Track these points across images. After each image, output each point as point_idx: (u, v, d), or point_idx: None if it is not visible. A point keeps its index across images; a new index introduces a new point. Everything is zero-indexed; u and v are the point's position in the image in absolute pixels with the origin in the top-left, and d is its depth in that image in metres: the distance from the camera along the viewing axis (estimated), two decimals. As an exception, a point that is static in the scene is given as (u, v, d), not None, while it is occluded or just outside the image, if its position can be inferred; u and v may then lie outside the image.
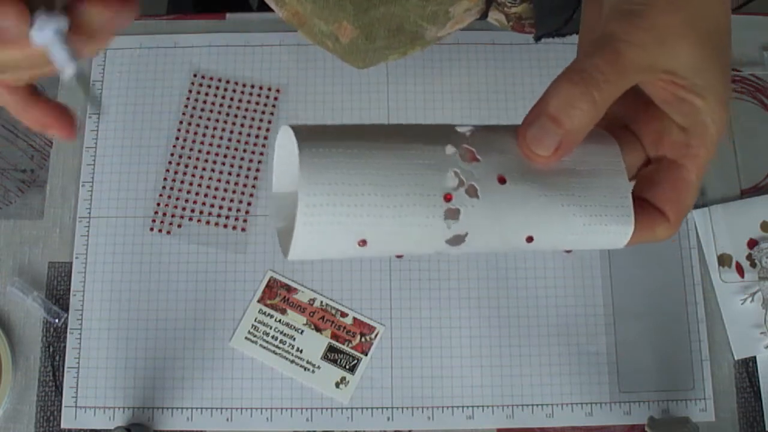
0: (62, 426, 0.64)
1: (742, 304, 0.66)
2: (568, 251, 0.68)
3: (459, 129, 0.32)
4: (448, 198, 0.31)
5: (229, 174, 0.70)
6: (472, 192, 0.31)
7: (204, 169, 0.70)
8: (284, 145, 0.34)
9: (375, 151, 0.31)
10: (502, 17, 0.68)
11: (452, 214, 0.31)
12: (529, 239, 0.33)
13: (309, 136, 0.31)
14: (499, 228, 0.32)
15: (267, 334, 0.66)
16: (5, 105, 0.35)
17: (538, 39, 0.69)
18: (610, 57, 0.31)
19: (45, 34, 0.28)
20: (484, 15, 0.67)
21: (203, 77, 0.72)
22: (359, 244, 0.31)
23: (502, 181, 0.31)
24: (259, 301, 0.66)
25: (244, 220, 0.68)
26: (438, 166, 0.31)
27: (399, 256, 0.49)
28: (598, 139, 0.34)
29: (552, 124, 0.31)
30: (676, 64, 0.33)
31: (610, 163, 0.34)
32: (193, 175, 0.69)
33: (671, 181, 0.35)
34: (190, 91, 0.72)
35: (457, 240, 0.32)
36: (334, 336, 0.66)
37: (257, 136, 0.71)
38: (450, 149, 0.31)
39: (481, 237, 0.32)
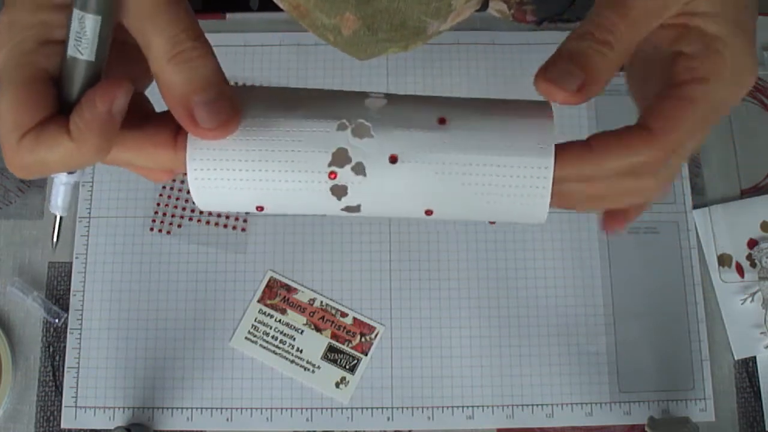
0: (62, 426, 0.64)
1: (742, 304, 0.66)
2: (492, 222, 0.67)
3: (370, 98, 0.32)
4: (332, 176, 0.32)
5: (229, 174, 0.69)
6: (358, 170, 0.31)
7: (204, 169, 0.70)
8: None
9: (269, 128, 0.31)
10: (503, 6, 0.68)
11: (339, 190, 0.32)
12: (428, 212, 0.33)
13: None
14: (391, 202, 0.32)
15: (267, 334, 0.66)
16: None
17: (539, 23, 0.68)
18: (622, 10, 0.32)
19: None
20: (484, 6, 0.67)
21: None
22: (257, 209, 0.33)
23: (393, 159, 0.31)
24: (259, 301, 0.66)
25: (244, 220, 0.68)
26: (325, 143, 0.31)
27: None
28: (529, 111, 0.33)
29: (575, 67, 0.31)
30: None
31: (531, 140, 0.32)
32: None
33: (669, 96, 0.32)
34: (190, 91, 0.72)
35: (351, 209, 0.33)
36: (334, 336, 0.66)
37: (257, 136, 0.71)
38: (344, 125, 0.31)
39: (374, 208, 0.33)
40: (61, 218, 0.37)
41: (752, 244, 0.68)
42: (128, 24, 0.32)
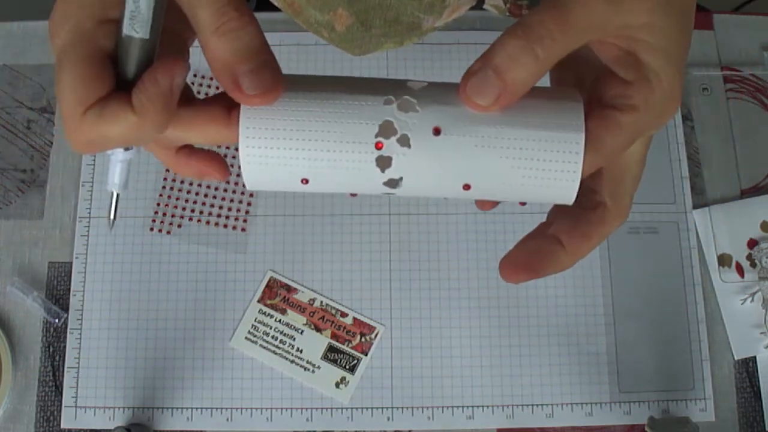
0: (62, 426, 0.64)
1: (742, 304, 0.66)
2: (523, 204, 0.67)
3: (410, 83, 0.34)
4: (378, 146, 0.33)
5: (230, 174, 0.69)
6: (403, 141, 0.33)
7: (204, 169, 0.70)
8: None
9: (317, 101, 0.33)
10: (499, 2, 0.68)
11: (384, 162, 0.33)
12: (466, 187, 0.34)
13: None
14: (432, 175, 0.33)
15: (267, 334, 0.66)
16: (164, 162, 0.38)
17: None
18: (556, 14, 0.31)
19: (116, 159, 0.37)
20: (480, 2, 0.67)
21: (203, 77, 0.72)
22: (302, 182, 0.34)
23: (437, 132, 0.33)
24: (259, 301, 0.66)
25: (244, 220, 0.68)
26: (372, 116, 0.33)
27: (353, 195, 0.50)
28: (560, 95, 0.34)
29: (493, 76, 0.31)
30: (629, 23, 0.32)
31: (565, 118, 0.33)
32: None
33: (597, 116, 0.33)
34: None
35: (393, 183, 0.34)
36: (334, 336, 0.66)
37: (257, 136, 0.71)
38: (390, 100, 0.33)
39: (416, 182, 0.34)
40: (117, 195, 0.38)
41: (752, 244, 0.68)
42: None
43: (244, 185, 0.69)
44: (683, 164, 0.70)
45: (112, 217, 0.39)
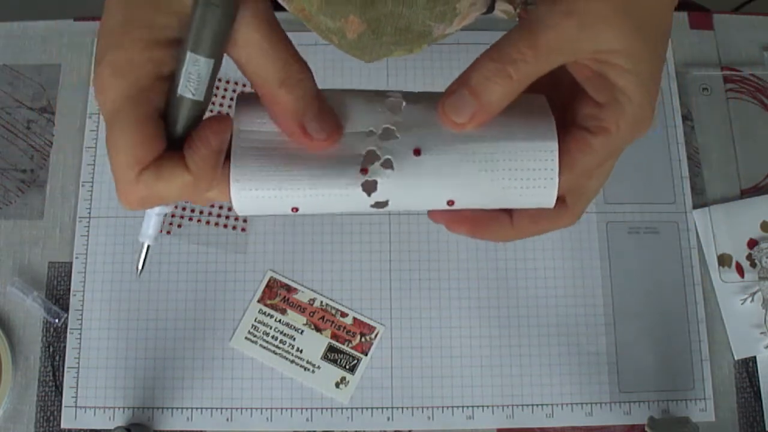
0: (62, 426, 0.64)
1: (742, 304, 0.66)
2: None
3: (389, 98, 0.36)
4: (363, 171, 0.34)
5: (229, 174, 0.69)
6: (387, 165, 0.35)
7: (204, 169, 0.70)
8: None
9: None
10: (509, 7, 0.68)
11: (370, 185, 0.35)
12: (450, 202, 0.36)
13: (245, 109, 0.35)
14: (417, 194, 0.35)
15: (267, 334, 0.66)
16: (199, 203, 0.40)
17: None
18: (529, 38, 0.33)
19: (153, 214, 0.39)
20: (490, 9, 0.67)
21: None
22: (292, 210, 0.36)
23: (417, 152, 0.35)
24: (259, 301, 0.66)
25: (244, 220, 0.68)
26: (356, 148, 0.35)
27: None
28: (531, 106, 0.36)
29: (469, 96, 0.33)
30: (600, 47, 0.33)
31: (538, 129, 0.35)
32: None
33: (572, 137, 0.35)
34: (190, 91, 0.72)
35: (380, 205, 0.36)
36: (334, 336, 0.66)
37: (257, 136, 0.71)
38: (372, 132, 0.35)
39: (401, 201, 0.36)
40: (149, 247, 0.40)
41: (752, 244, 0.68)
42: (235, 54, 0.33)
43: (244, 185, 0.69)
44: (683, 164, 0.70)
45: (140, 266, 0.40)
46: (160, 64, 0.32)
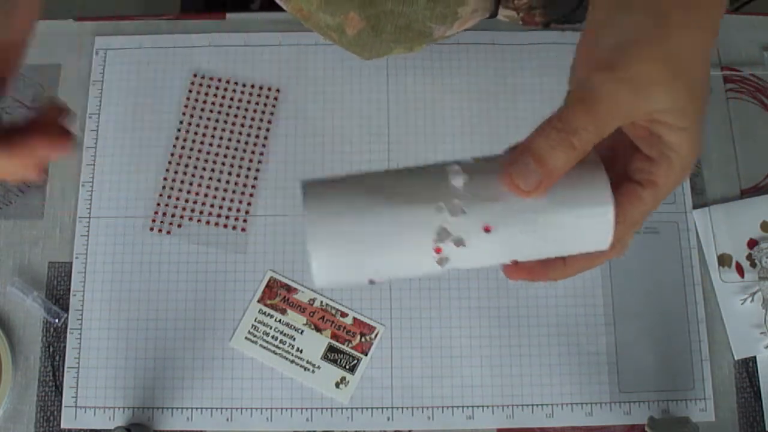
0: (62, 426, 0.64)
1: (742, 304, 0.66)
2: None
3: (451, 174, 0.37)
4: (437, 251, 0.37)
5: (229, 174, 0.70)
6: (458, 243, 0.37)
7: (204, 169, 0.70)
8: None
9: (375, 216, 0.37)
10: (512, 13, 0.68)
11: (442, 261, 0.37)
12: (514, 263, 0.39)
13: (316, 198, 0.38)
14: (485, 261, 0.38)
15: (267, 334, 0.66)
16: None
17: (546, 25, 0.69)
18: (589, 108, 0.35)
19: None
20: (493, 14, 0.68)
21: (203, 77, 0.72)
22: (369, 282, 0.39)
23: (487, 230, 0.37)
24: (259, 301, 0.66)
25: (244, 220, 0.68)
26: (428, 225, 0.37)
27: None
28: (586, 167, 0.38)
29: (535, 164, 0.35)
30: (653, 108, 0.36)
31: (595, 194, 0.37)
32: (193, 175, 0.69)
33: (624, 192, 0.38)
34: (190, 91, 0.72)
35: (448, 271, 0.38)
36: (334, 336, 0.66)
37: (257, 136, 0.71)
38: (440, 207, 0.36)
39: (469, 266, 0.38)
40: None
41: (752, 244, 0.68)
42: None
43: (243, 185, 0.69)
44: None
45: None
46: None
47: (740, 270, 0.67)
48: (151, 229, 0.68)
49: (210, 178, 0.69)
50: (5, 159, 0.39)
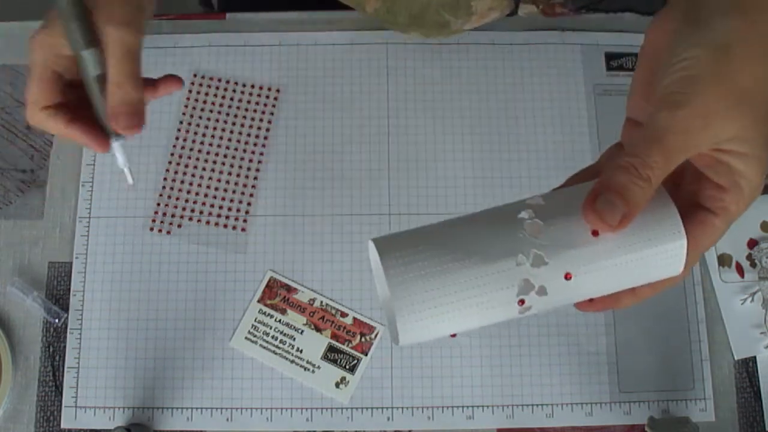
0: (62, 426, 0.64)
1: (742, 304, 0.66)
2: None
3: (526, 221, 0.38)
4: (521, 303, 0.38)
5: (229, 174, 0.70)
6: (541, 291, 0.38)
7: (204, 169, 0.70)
8: (373, 257, 0.40)
9: (456, 274, 0.37)
10: (531, 7, 0.69)
11: (524, 310, 0.38)
12: (590, 300, 0.41)
13: (393, 261, 0.37)
14: (564, 304, 0.40)
15: (267, 334, 0.66)
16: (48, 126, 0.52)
17: (577, 11, 0.69)
18: (660, 147, 0.37)
19: (115, 147, 0.52)
20: (513, 12, 0.68)
21: (203, 77, 0.72)
22: (450, 336, 0.39)
23: (568, 277, 0.38)
24: (259, 301, 0.66)
25: (244, 220, 0.68)
26: (510, 280, 0.37)
27: None
28: (658, 207, 0.39)
29: (617, 199, 0.36)
30: (719, 138, 0.37)
31: (668, 231, 0.38)
32: (193, 175, 0.69)
33: (698, 221, 0.40)
34: (190, 91, 0.72)
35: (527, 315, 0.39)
36: (334, 336, 0.66)
37: (257, 136, 0.71)
38: (522, 259, 0.37)
39: (547, 309, 0.40)
40: (129, 168, 0.54)
41: (752, 244, 0.68)
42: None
43: (243, 185, 0.69)
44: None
45: (130, 179, 0.55)
46: (58, 48, 0.49)
47: (740, 270, 0.67)
48: (151, 229, 0.68)
49: (210, 178, 0.69)
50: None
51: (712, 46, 0.38)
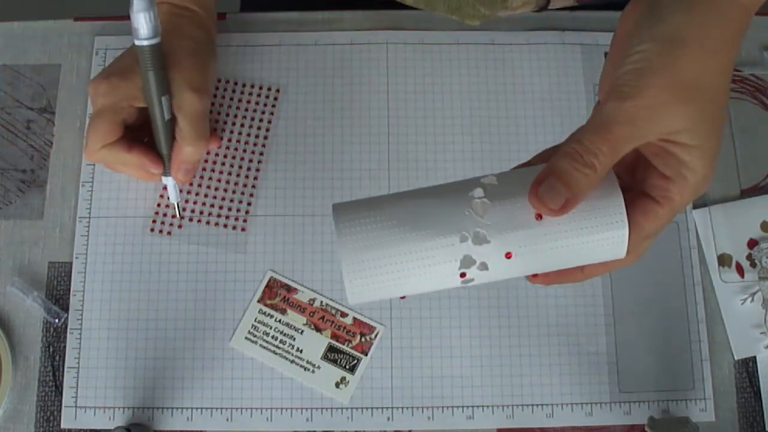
0: (62, 426, 0.64)
1: (742, 304, 0.66)
2: None
3: (475, 199, 0.40)
4: (462, 276, 0.40)
5: (229, 174, 0.70)
6: (482, 267, 0.40)
7: (204, 169, 0.70)
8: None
9: (403, 245, 0.39)
10: (564, 1, 0.70)
11: (467, 282, 0.41)
12: (533, 275, 0.43)
13: (348, 227, 0.40)
14: (505, 278, 0.42)
15: (267, 334, 0.66)
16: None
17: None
18: (606, 136, 0.38)
19: (170, 185, 0.63)
20: (543, 7, 0.69)
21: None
22: (400, 299, 0.44)
23: (508, 256, 0.39)
24: (259, 301, 0.66)
25: (244, 220, 0.68)
26: (454, 254, 0.39)
27: None
28: (603, 194, 0.40)
29: (561, 185, 0.37)
30: (668, 129, 0.39)
31: (612, 217, 0.39)
32: (193, 175, 0.69)
33: (641, 209, 0.41)
34: (190, 91, 0.72)
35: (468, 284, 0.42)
36: (334, 336, 0.66)
37: (257, 136, 0.71)
38: (465, 236, 0.39)
39: (488, 282, 0.42)
40: (178, 203, 0.65)
41: (752, 244, 0.68)
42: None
43: (243, 185, 0.69)
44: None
45: (179, 214, 0.66)
46: (132, 99, 0.59)
47: (740, 270, 0.67)
48: (152, 229, 0.68)
49: (210, 178, 0.69)
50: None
51: (664, 40, 0.39)
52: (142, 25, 0.56)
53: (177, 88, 0.58)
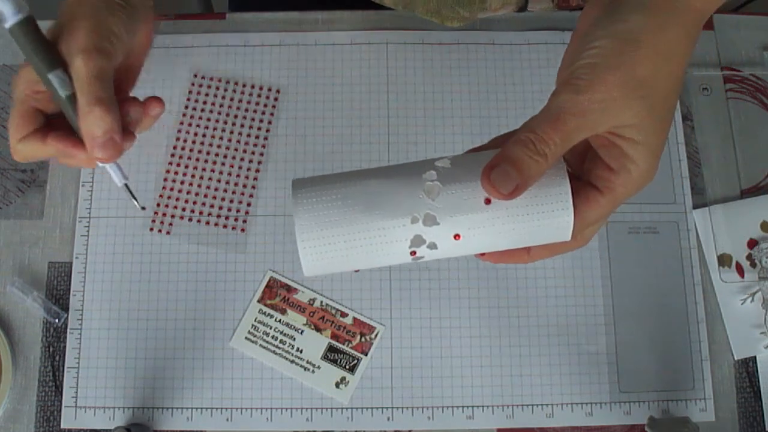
0: (62, 426, 0.64)
1: (742, 304, 0.66)
2: None
3: (428, 182, 0.41)
4: (413, 254, 0.42)
5: (229, 174, 0.70)
6: (432, 246, 0.41)
7: (204, 169, 0.70)
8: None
9: (356, 224, 0.41)
10: (543, 2, 0.70)
11: (417, 259, 0.42)
12: (481, 254, 0.44)
13: (304, 205, 0.41)
14: (454, 256, 0.43)
15: (267, 334, 0.66)
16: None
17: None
18: (558, 126, 0.40)
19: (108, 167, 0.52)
20: (522, 8, 0.69)
21: (203, 77, 0.72)
22: (354, 271, 0.46)
23: (457, 237, 0.41)
24: (259, 301, 0.66)
25: (244, 221, 0.68)
26: (404, 234, 0.41)
27: None
28: (551, 181, 0.41)
29: (513, 170, 0.39)
30: (617, 123, 0.40)
31: (558, 203, 0.41)
32: (193, 175, 0.69)
33: (584, 197, 0.42)
34: (190, 92, 0.72)
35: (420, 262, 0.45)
36: (334, 336, 0.66)
37: (257, 136, 0.71)
38: (416, 218, 0.41)
39: (439, 259, 0.43)
40: (126, 185, 0.54)
41: (752, 244, 0.68)
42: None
43: (243, 185, 0.69)
44: (683, 164, 0.70)
45: (137, 203, 0.56)
46: (33, 83, 0.51)
47: (740, 270, 0.67)
48: (151, 229, 0.68)
49: (210, 178, 0.69)
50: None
51: (621, 39, 0.40)
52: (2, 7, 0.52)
53: (67, 56, 0.51)
